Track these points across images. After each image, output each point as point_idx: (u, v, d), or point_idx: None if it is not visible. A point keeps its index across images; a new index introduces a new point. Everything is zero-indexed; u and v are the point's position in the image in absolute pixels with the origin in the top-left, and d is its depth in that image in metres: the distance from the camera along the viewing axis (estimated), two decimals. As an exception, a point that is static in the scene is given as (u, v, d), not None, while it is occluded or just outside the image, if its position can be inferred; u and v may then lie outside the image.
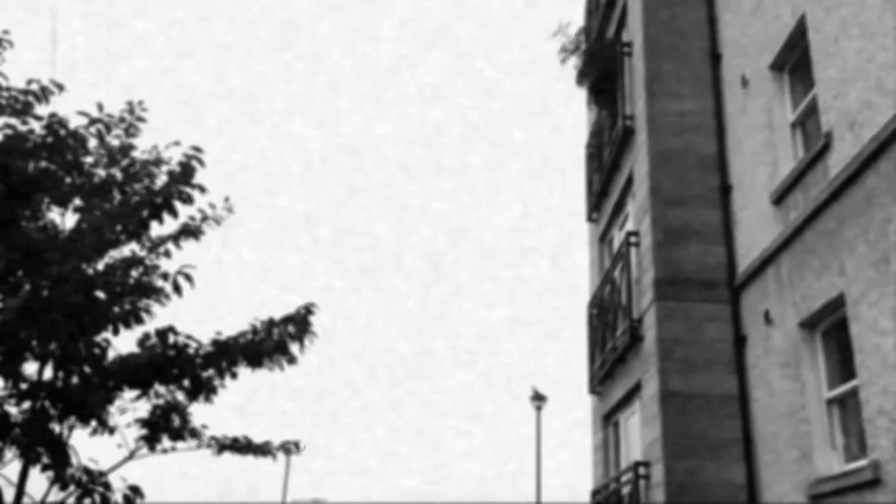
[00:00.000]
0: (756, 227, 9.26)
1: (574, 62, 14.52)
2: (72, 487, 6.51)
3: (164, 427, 7.26)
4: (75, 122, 6.81)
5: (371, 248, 75.21)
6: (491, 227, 78.51)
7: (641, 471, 9.66)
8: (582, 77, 13.95)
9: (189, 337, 7.04)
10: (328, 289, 67.51)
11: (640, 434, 10.44)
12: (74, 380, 6.75)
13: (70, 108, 6.88)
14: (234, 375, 7.24)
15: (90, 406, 6.72)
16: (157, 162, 7.23)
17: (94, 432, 7.10)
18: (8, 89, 6.65)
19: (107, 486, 6.55)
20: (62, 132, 6.61)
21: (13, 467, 6.54)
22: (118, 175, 7.13)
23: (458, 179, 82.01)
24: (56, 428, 6.69)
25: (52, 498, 6.57)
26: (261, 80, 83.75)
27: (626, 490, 10.31)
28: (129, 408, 7.24)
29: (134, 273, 7.21)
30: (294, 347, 7.25)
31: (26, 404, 6.63)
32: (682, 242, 10.07)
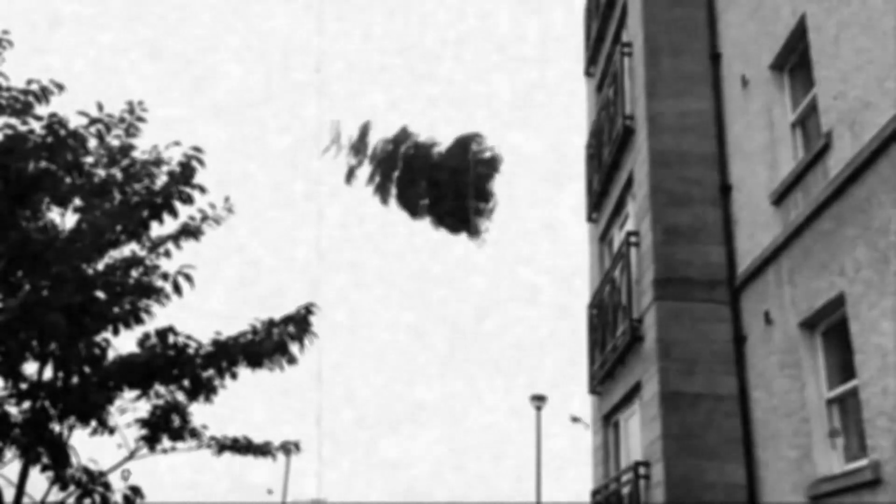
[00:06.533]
0: (756, 227, 9.26)
1: None
2: (72, 487, 6.52)
3: (164, 427, 7.27)
4: (75, 121, 6.82)
5: (371, 247, 75.19)
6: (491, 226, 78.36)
7: (641, 471, 9.66)
8: None
9: (189, 337, 7.05)
10: (331, 283, 67.55)
11: (640, 434, 10.44)
12: (74, 380, 6.76)
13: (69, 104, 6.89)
14: (234, 375, 7.25)
15: (90, 406, 6.73)
16: (158, 162, 7.23)
17: (94, 432, 7.10)
18: (8, 89, 6.66)
19: (107, 486, 6.56)
20: (62, 132, 6.60)
21: (13, 467, 6.55)
22: (118, 175, 7.13)
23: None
24: (56, 428, 6.69)
25: (52, 498, 6.58)
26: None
27: (626, 490, 10.31)
28: (129, 408, 7.25)
29: (134, 273, 7.22)
30: (294, 347, 7.27)
31: (26, 404, 6.64)
32: (682, 242, 10.06)
